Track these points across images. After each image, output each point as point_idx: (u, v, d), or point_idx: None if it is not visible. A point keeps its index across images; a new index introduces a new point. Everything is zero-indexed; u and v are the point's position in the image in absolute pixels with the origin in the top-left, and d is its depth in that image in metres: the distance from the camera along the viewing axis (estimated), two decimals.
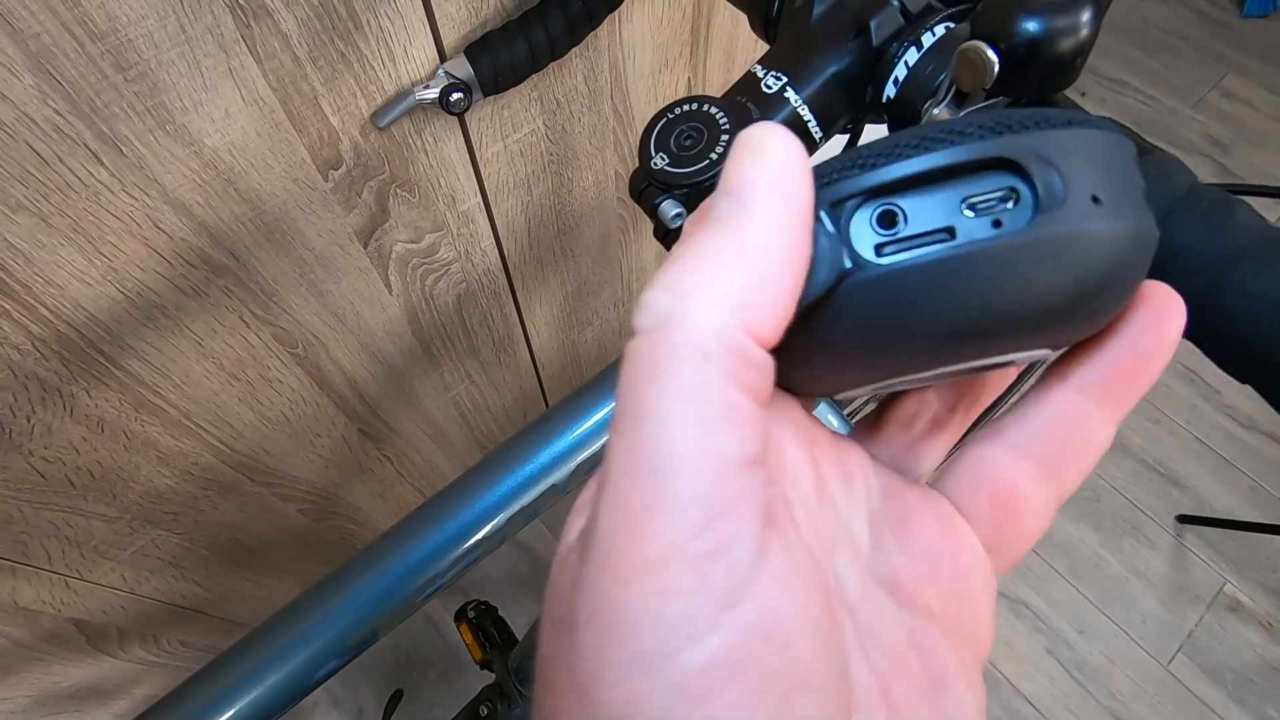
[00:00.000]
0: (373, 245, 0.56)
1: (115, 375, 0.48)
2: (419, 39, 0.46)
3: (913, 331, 0.13)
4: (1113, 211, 0.12)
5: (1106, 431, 0.15)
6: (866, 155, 0.13)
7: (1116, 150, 0.13)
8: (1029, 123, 0.12)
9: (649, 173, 0.24)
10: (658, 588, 0.11)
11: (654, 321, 0.12)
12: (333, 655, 0.33)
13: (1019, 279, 0.12)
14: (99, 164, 0.38)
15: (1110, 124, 0.14)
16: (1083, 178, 0.12)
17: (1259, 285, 0.18)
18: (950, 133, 0.13)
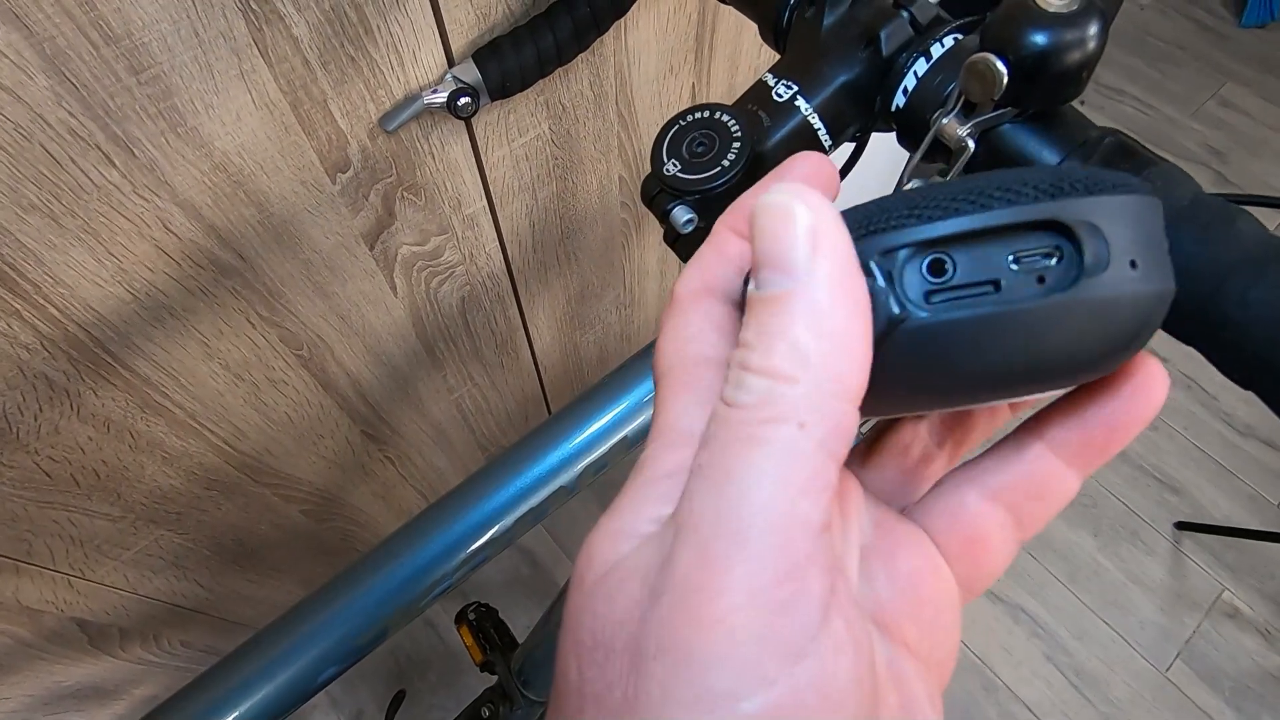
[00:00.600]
0: (379, 247, 0.56)
1: (122, 375, 0.48)
2: (428, 44, 0.47)
3: (955, 377, 0.14)
4: (1146, 275, 0.13)
5: (1074, 486, 0.17)
6: (922, 205, 0.14)
7: (1151, 213, 0.14)
8: (1080, 186, 0.13)
9: (661, 179, 0.24)
10: (730, 634, 0.12)
11: (753, 399, 0.13)
12: (337, 658, 0.33)
13: (1059, 336, 0.13)
14: (111, 165, 0.39)
15: (1143, 186, 0.14)
16: (1124, 243, 0.13)
17: (1260, 293, 0.19)
18: (1006, 190, 0.13)
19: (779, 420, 0.12)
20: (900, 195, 0.14)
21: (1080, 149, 0.22)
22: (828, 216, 0.13)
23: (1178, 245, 0.20)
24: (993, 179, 0.13)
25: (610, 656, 0.13)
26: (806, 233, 0.13)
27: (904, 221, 0.14)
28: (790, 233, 0.13)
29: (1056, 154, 0.22)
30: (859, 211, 0.15)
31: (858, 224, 0.14)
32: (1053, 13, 0.20)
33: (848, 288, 0.13)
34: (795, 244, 0.13)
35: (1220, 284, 0.19)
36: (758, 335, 0.13)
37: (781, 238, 0.13)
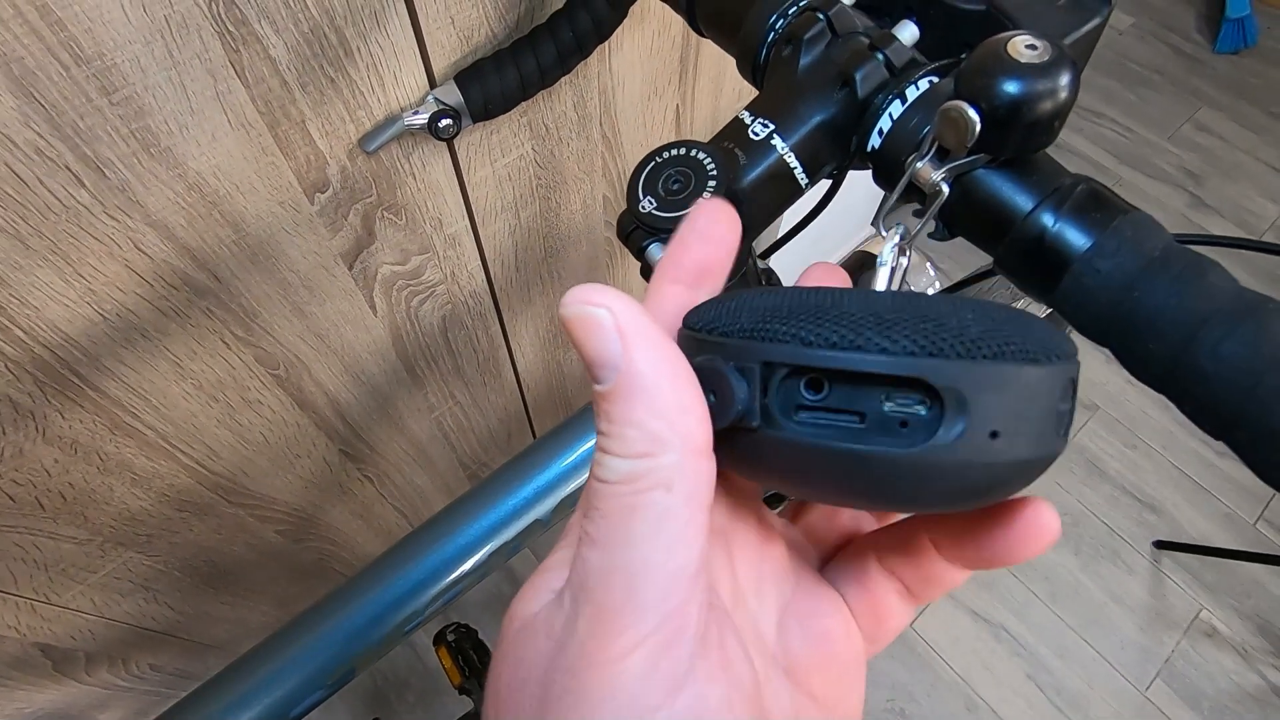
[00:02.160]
0: (358, 267, 0.56)
1: (90, 397, 0.47)
2: (409, 65, 0.46)
3: (809, 485, 0.16)
4: (1008, 446, 0.14)
5: (960, 577, 0.18)
6: (810, 328, 0.14)
7: (1044, 384, 0.14)
8: (962, 349, 0.14)
9: (637, 216, 0.24)
10: (621, 674, 0.14)
11: (621, 477, 0.14)
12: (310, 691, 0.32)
13: (906, 483, 0.14)
14: (80, 186, 0.38)
15: (1055, 354, 0.14)
16: (989, 414, 0.14)
17: (1230, 347, 0.19)
18: (891, 340, 0.14)
19: (648, 489, 0.14)
20: (797, 297, 0.15)
21: (1053, 195, 0.22)
22: (627, 311, 0.15)
23: (1149, 295, 0.20)
24: (885, 326, 0.14)
25: (524, 700, 0.15)
26: (614, 332, 0.14)
27: (788, 340, 0.14)
28: (600, 335, 0.15)
29: (1030, 200, 0.22)
30: (744, 303, 0.16)
31: (738, 319, 0.15)
32: (1025, 63, 0.20)
33: (663, 365, 0.15)
34: (608, 343, 0.14)
35: (1192, 335, 0.19)
36: (609, 425, 0.15)
37: (595, 341, 0.15)
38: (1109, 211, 0.21)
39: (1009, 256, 0.23)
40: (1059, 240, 0.22)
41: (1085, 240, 0.21)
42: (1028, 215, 0.22)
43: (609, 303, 0.15)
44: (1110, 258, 0.21)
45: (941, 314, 0.14)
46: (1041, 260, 0.22)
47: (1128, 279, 0.20)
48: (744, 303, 0.16)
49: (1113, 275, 0.21)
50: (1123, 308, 0.21)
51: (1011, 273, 0.23)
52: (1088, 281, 0.21)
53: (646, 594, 0.14)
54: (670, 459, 0.14)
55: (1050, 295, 0.22)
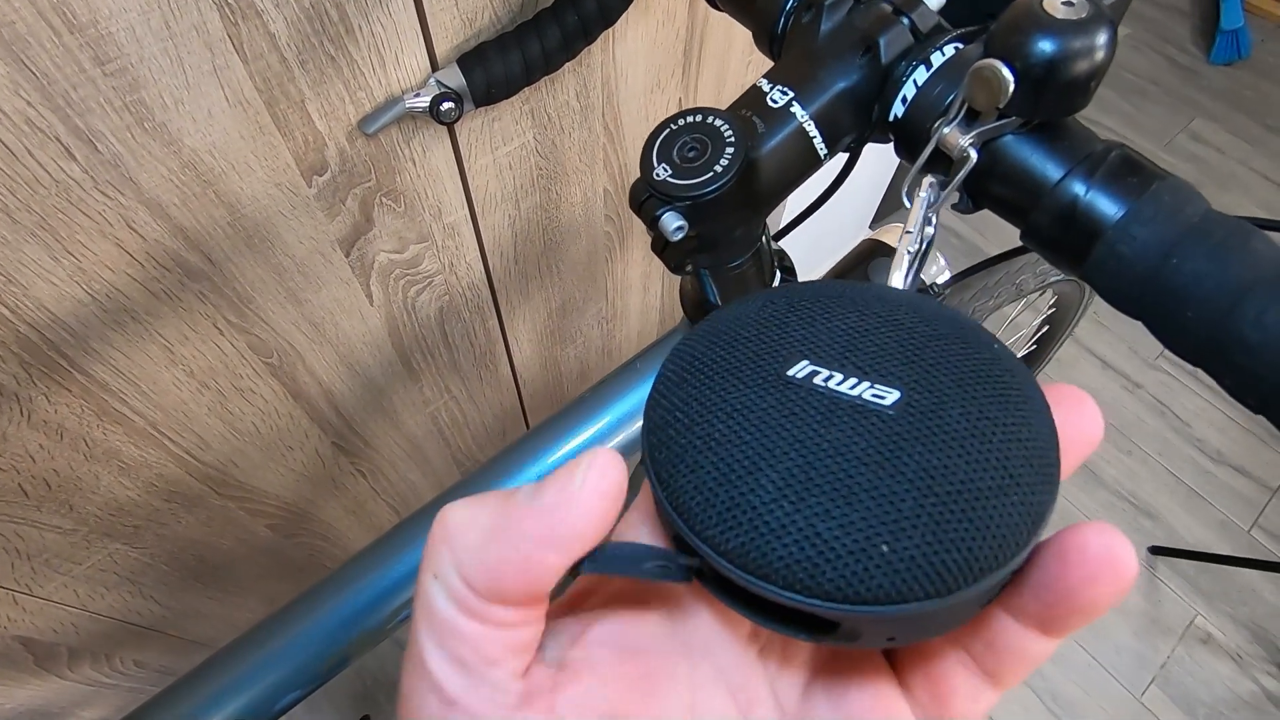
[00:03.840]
0: (355, 254, 0.55)
1: (78, 380, 0.45)
2: (411, 46, 0.45)
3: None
4: (905, 637, 0.14)
5: (1045, 649, 0.15)
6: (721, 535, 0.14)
7: (964, 610, 0.14)
8: (865, 592, 0.13)
9: (651, 184, 0.23)
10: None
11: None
12: (297, 684, 0.31)
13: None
14: (71, 159, 0.37)
15: (1008, 544, 0.13)
16: (882, 635, 0.14)
17: (1275, 316, 0.18)
18: (801, 580, 0.13)
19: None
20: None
21: (1085, 162, 0.21)
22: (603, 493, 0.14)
23: (1188, 263, 0.19)
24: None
25: None
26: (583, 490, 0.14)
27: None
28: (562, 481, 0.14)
29: (1060, 167, 0.22)
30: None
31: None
32: (1062, 20, 0.19)
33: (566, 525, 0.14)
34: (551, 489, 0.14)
35: (1235, 304, 0.18)
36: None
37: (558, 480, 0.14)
38: (1145, 177, 0.21)
39: (1039, 226, 0.22)
40: (1092, 208, 0.21)
41: (1120, 207, 0.21)
42: (1059, 182, 0.21)
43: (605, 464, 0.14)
44: (1147, 224, 0.20)
45: (859, 515, 0.13)
46: (1073, 229, 0.21)
47: (1165, 246, 0.20)
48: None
49: (1149, 242, 0.20)
50: (1159, 276, 0.20)
51: (1040, 244, 0.23)
52: (1123, 249, 0.20)
53: (419, 684, 0.14)
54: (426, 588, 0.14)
55: (1081, 267, 0.22)
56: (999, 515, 0.13)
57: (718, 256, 0.27)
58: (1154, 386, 1.39)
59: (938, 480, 0.13)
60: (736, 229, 0.26)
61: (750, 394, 0.15)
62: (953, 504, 0.13)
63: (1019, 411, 0.14)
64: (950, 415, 0.14)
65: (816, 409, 0.14)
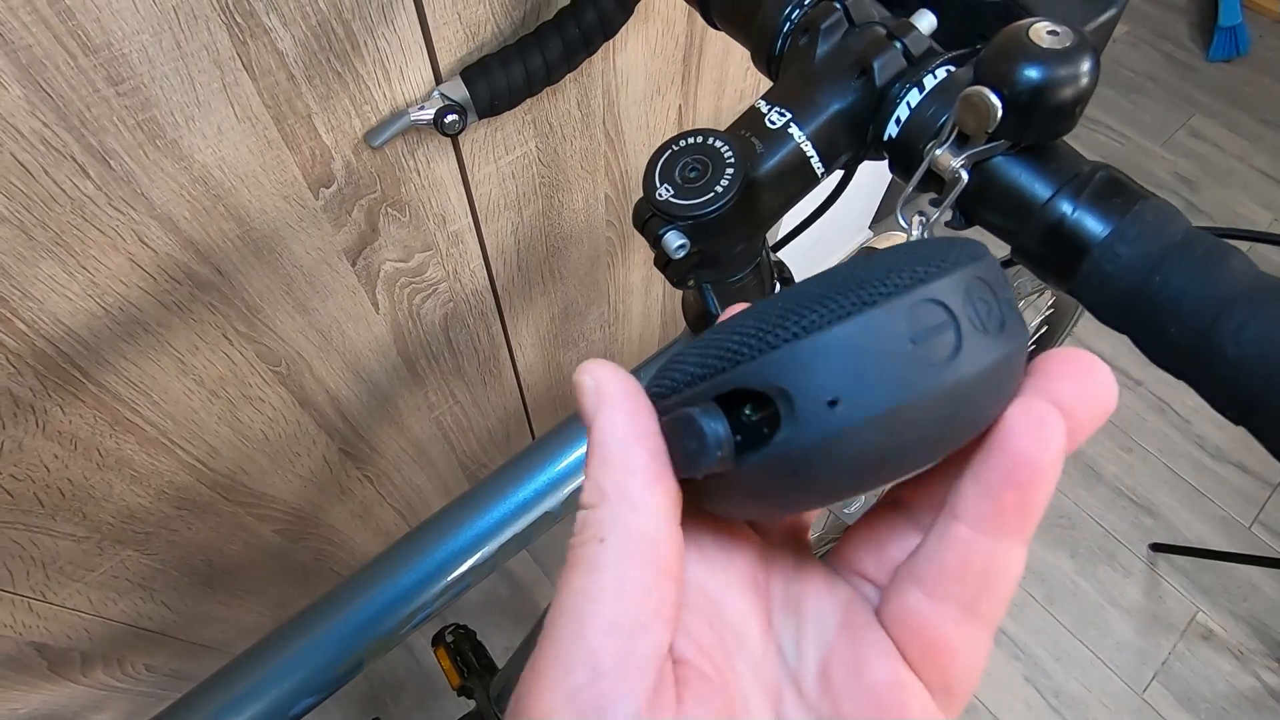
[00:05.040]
0: (361, 263, 0.55)
1: (91, 391, 0.46)
2: (415, 61, 0.46)
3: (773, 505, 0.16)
4: (855, 407, 0.13)
5: (1016, 557, 0.15)
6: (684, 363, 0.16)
7: (865, 334, 0.13)
8: (786, 332, 0.14)
9: (654, 204, 0.24)
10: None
11: (577, 528, 0.16)
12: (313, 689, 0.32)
13: (800, 480, 0.14)
14: (85, 177, 0.37)
15: (905, 273, 0.14)
16: (815, 387, 0.13)
17: (1253, 330, 0.19)
18: (715, 358, 0.15)
19: (584, 541, 0.15)
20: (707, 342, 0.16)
21: (1072, 182, 0.22)
22: (608, 378, 0.16)
23: (1170, 280, 0.20)
24: (726, 341, 0.15)
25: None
26: (592, 393, 0.16)
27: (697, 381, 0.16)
28: (582, 396, 0.16)
29: (1049, 187, 0.22)
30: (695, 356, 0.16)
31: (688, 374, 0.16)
32: (1046, 49, 0.20)
33: (619, 426, 0.16)
34: (585, 402, 0.16)
35: (1215, 320, 0.19)
36: (584, 476, 0.16)
37: (581, 401, 0.16)
38: (1129, 197, 0.21)
39: (1028, 244, 0.23)
40: (1078, 226, 0.22)
41: (1105, 226, 0.21)
42: (1046, 202, 0.22)
43: (597, 372, 0.16)
44: (1131, 243, 0.21)
45: (785, 306, 0.14)
46: (1061, 247, 0.22)
47: (1149, 264, 0.20)
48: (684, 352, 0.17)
49: (1134, 260, 0.21)
50: (1144, 293, 0.21)
51: (1030, 260, 0.23)
52: (1108, 267, 0.21)
53: (575, 648, 0.14)
54: (605, 512, 0.15)
55: (1069, 283, 0.22)
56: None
57: (719, 272, 0.28)
58: (1154, 384, 1.40)
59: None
60: (737, 245, 0.26)
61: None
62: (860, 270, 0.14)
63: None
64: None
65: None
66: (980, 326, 0.14)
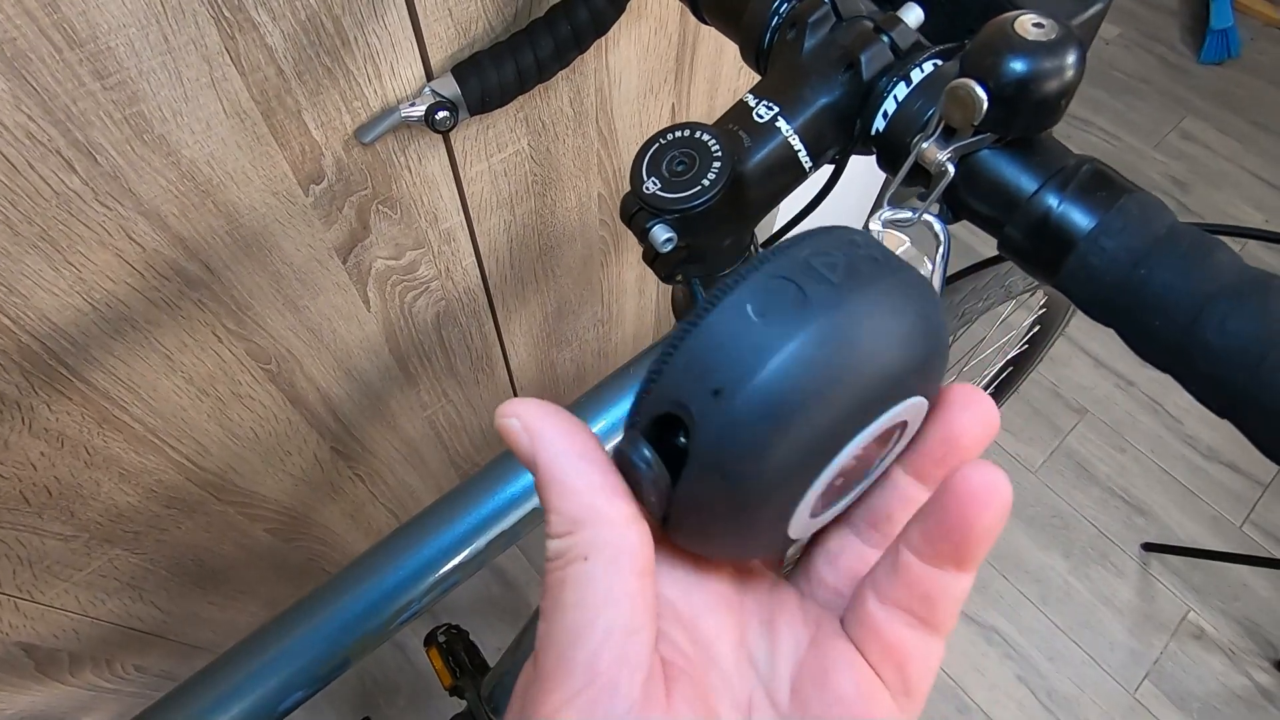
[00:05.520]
0: (352, 261, 0.55)
1: (78, 389, 0.46)
2: (406, 57, 0.46)
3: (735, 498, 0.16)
4: (734, 389, 0.14)
5: (964, 583, 0.17)
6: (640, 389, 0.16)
7: (734, 313, 0.14)
8: (669, 351, 0.15)
9: (640, 197, 0.24)
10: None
11: (551, 555, 0.16)
12: (300, 685, 0.32)
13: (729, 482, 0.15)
14: (71, 172, 0.37)
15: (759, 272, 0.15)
16: (699, 388, 0.14)
17: (1237, 324, 0.19)
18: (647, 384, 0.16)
19: (569, 562, 0.16)
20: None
21: (1057, 176, 0.22)
22: (531, 413, 0.17)
23: (1155, 273, 0.20)
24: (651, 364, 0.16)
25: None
26: (521, 432, 0.17)
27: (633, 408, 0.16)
28: (513, 439, 0.17)
29: (1034, 180, 0.22)
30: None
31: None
32: (1032, 41, 0.20)
33: (567, 455, 0.16)
34: (519, 443, 0.17)
35: (1199, 312, 0.19)
36: (545, 511, 0.17)
37: (514, 445, 0.17)
38: (1114, 190, 0.21)
39: (1013, 238, 0.23)
40: (1064, 220, 0.22)
41: (1090, 219, 0.21)
42: (1032, 195, 0.22)
43: (519, 411, 0.17)
44: (1116, 236, 0.21)
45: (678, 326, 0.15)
46: (1046, 241, 0.22)
47: (1134, 257, 0.20)
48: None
49: (1119, 253, 0.21)
50: (1129, 286, 0.21)
51: (1016, 254, 0.23)
52: (1093, 260, 0.21)
53: (574, 655, 0.15)
54: (585, 534, 0.16)
55: (1055, 276, 0.22)
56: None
57: (707, 266, 0.28)
58: (1146, 384, 1.40)
59: None
60: (725, 239, 0.26)
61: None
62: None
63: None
64: None
65: None
66: (826, 280, 0.14)
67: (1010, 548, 1.24)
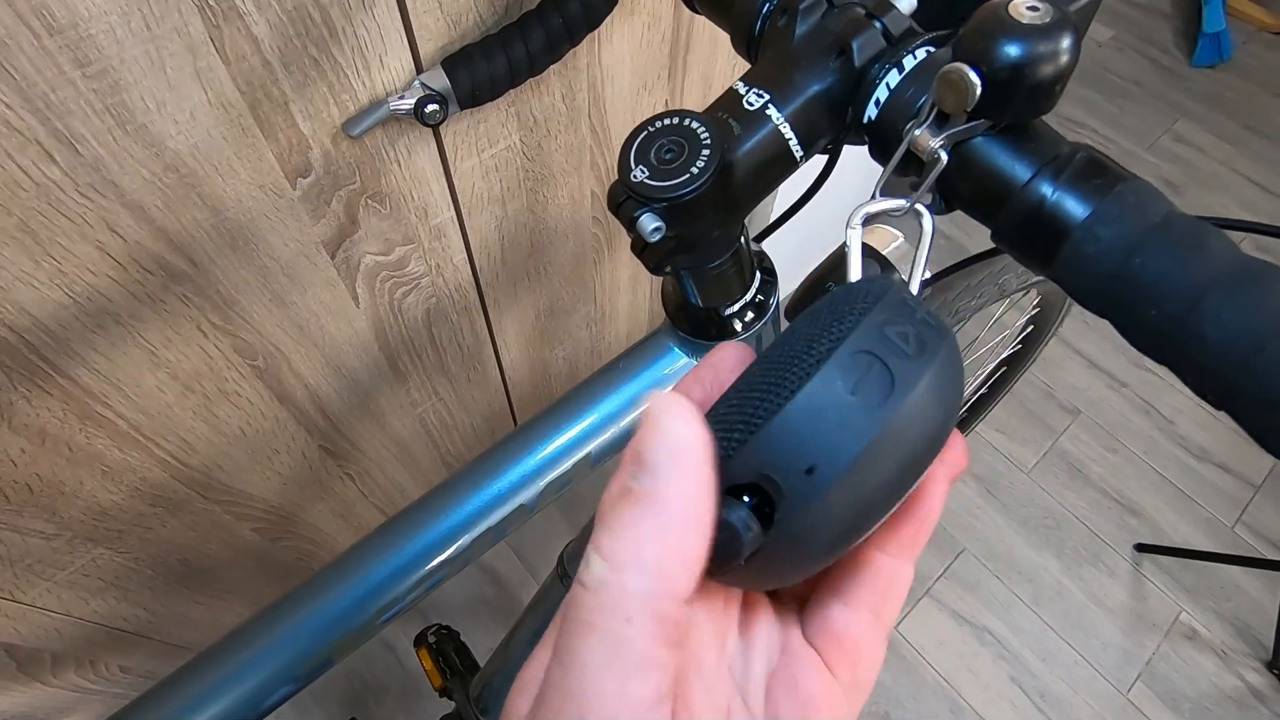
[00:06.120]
0: (341, 256, 0.54)
1: (60, 384, 0.45)
2: (395, 49, 0.45)
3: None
4: (828, 467, 0.15)
5: (909, 572, 0.19)
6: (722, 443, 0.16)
7: (826, 392, 0.15)
8: (752, 423, 0.15)
9: (628, 185, 0.23)
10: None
11: (593, 584, 0.14)
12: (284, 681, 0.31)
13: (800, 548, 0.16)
14: (51, 162, 0.37)
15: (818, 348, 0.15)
16: (791, 464, 0.15)
17: (1232, 313, 0.18)
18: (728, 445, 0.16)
19: (609, 611, 0.14)
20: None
21: (1052, 164, 0.22)
22: (695, 439, 0.15)
23: (1151, 262, 0.20)
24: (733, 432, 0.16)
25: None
26: (670, 449, 0.15)
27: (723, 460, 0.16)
28: (657, 443, 0.15)
29: (1028, 168, 0.22)
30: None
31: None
32: (1026, 24, 0.20)
33: (691, 506, 0.15)
34: (658, 454, 0.15)
35: (1195, 302, 0.19)
36: (614, 519, 0.15)
37: (650, 444, 0.15)
38: (1110, 178, 0.21)
39: (1007, 227, 0.23)
40: (1058, 208, 0.21)
41: (1085, 208, 0.21)
42: (1026, 183, 0.22)
43: (679, 425, 0.15)
44: (1112, 224, 0.20)
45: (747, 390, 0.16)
46: (1041, 229, 0.22)
47: (1129, 245, 0.20)
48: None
49: (1114, 242, 0.20)
50: (1124, 275, 0.20)
51: (1010, 244, 0.23)
52: (1088, 249, 0.21)
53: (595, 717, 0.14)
54: (642, 588, 0.14)
55: (1049, 266, 0.22)
56: None
57: (697, 257, 0.28)
58: (1139, 385, 1.40)
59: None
60: (714, 230, 0.26)
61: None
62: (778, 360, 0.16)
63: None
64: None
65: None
66: (904, 354, 0.15)
67: (1003, 548, 1.23)
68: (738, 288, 0.31)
